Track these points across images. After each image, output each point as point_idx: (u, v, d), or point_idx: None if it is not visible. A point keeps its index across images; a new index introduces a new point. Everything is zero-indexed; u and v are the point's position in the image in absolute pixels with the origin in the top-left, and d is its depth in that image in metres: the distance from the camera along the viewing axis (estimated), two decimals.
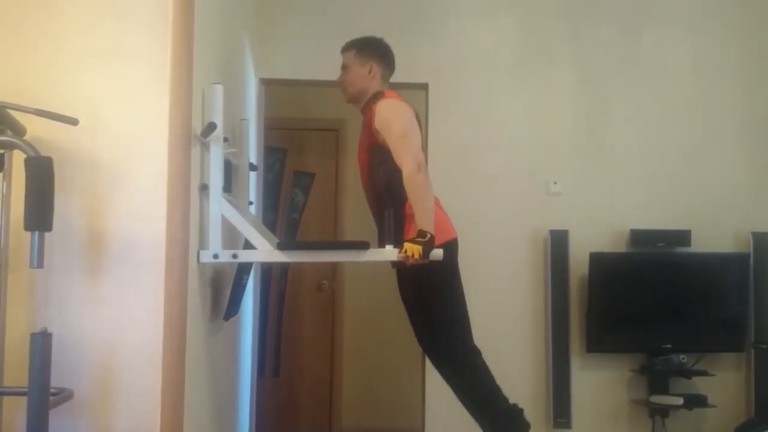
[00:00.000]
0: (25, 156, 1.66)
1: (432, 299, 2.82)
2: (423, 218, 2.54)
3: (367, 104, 2.90)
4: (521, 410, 2.89)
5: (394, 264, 2.81)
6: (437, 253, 2.47)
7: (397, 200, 2.70)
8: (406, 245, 2.44)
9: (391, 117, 2.76)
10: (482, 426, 2.89)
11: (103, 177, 1.93)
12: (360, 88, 2.94)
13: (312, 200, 5.28)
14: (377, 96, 2.86)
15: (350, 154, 5.20)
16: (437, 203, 2.84)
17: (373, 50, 2.98)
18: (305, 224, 5.26)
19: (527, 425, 2.92)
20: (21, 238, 1.77)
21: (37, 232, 1.65)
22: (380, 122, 2.76)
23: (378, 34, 3.99)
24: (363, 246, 2.39)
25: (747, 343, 3.98)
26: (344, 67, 3.00)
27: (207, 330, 2.41)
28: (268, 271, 4.91)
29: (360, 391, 5.11)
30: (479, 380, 2.86)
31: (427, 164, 3.91)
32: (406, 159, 2.65)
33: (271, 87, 4.15)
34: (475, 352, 2.88)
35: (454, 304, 2.84)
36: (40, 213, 1.64)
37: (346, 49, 3.02)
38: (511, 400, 3.63)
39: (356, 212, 5.09)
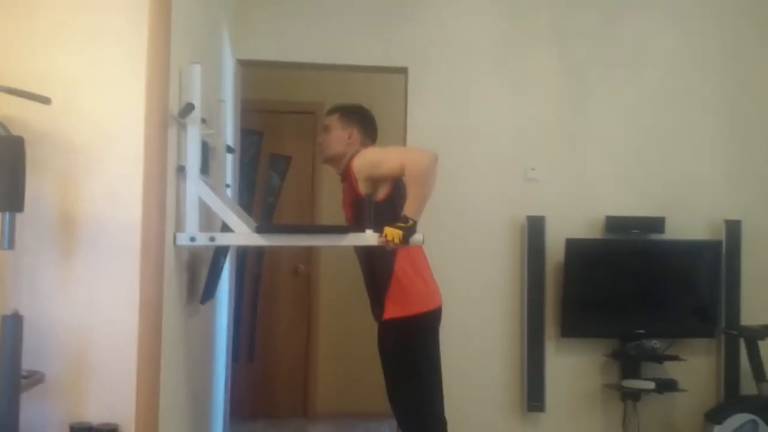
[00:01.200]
0: None
1: (407, 360, 2.82)
2: (414, 205, 2.54)
3: (345, 168, 2.89)
4: None
5: (376, 318, 2.86)
6: (417, 239, 2.47)
7: (384, 267, 2.76)
8: (387, 229, 2.43)
9: (366, 156, 2.79)
10: None
11: (77, 158, 1.90)
12: (337, 151, 2.94)
13: (288, 183, 5.25)
14: (353, 157, 2.84)
15: None
16: (427, 269, 2.88)
17: (356, 118, 2.99)
18: (281, 208, 5.23)
19: None
20: None
21: (8, 213, 1.62)
22: (359, 169, 2.76)
23: (358, 17, 3.99)
24: (342, 230, 2.38)
25: (718, 329, 4.04)
26: (326, 128, 3.00)
27: (183, 313, 2.39)
28: (243, 254, 4.88)
29: (335, 376, 5.12)
30: None
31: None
32: (419, 150, 2.72)
33: (248, 68, 4.10)
34: (442, 423, 2.87)
35: (430, 371, 2.83)
36: (10, 193, 1.61)
37: (331, 111, 3.02)
38: (486, 383, 3.66)
39: (332, 196, 5.07)
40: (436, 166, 2.61)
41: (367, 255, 2.84)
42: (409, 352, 2.81)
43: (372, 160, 2.75)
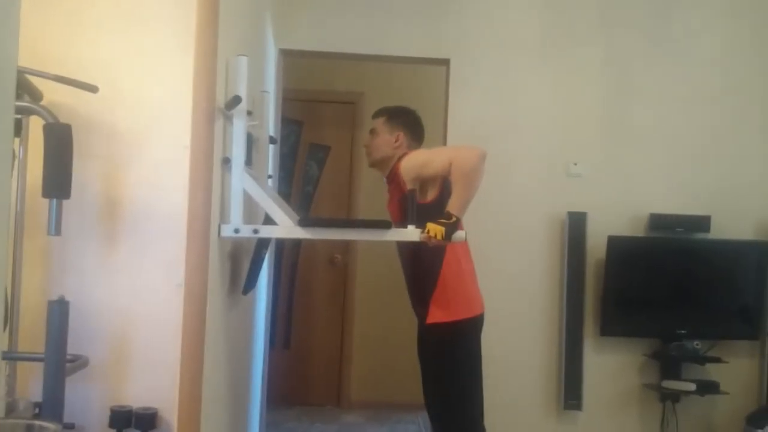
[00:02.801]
0: (43, 122, 1.64)
1: (449, 366, 2.79)
2: (459, 202, 2.51)
3: (391, 170, 2.86)
4: None
5: (417, 314, 2.82)
6: (460, 235, 2.44)
7: (429, 270, 2.73)
8: (429, 225, 2.41)
9: (413, 158, 2.75)
10: None
11: (121, 144, 1.91)
12: (385, 154, 2.92)
13: (326, 173, 5.26)
14: (400, 159, 2.81)
15: (366, 128, 5.12)
16: (471, 275, 2.85)
17: (402, 120, 2.95)
18: (319, 197, 5.24)
19: None
20: (37, 204, 1.76)
21: (55, 200, 1.63)
22: (406, 172, 2.72)
23: (400, 8, 3.96)
24: (385, 225, 2.37)
25: (762, 331, 3.95)
26: (372, 131, 2.98)
27: (226, 303, 2.41)
28: (281, 243, 4.91)
29: (370, 366, 5.13)
30: None
31: (445, 142, 3.91)
32: (468, 147, 2.65)
33: (289, 58, 4.11)
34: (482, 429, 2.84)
35: (471, 377, 2.80)
36: (58, 180, 1.63)
37: (377, 114, 2.99)
38: (524, 380, 3.63)
39: (370, 186, 5.08)
40: (484, 164, 2.57)
41: (412, 254, 2.81)
42: (452, 357, 2.78)
43: (420, 160, 2.72)
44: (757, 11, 4.10)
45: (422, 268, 2.78)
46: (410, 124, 2.97)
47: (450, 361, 2.79)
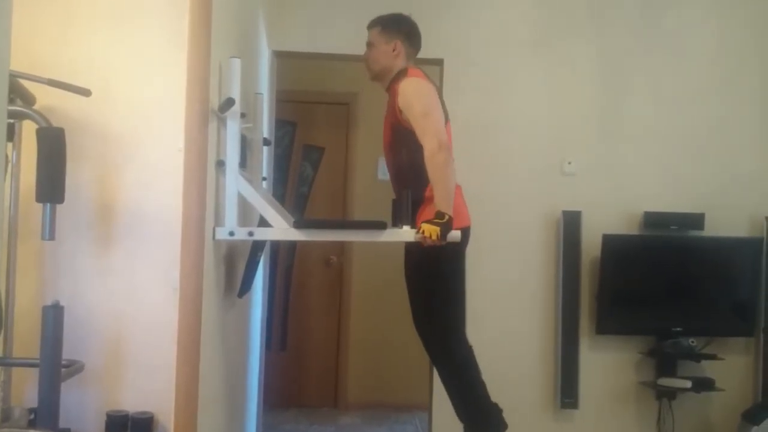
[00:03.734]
0: (36, 126, 1.63)
1: (434, 282, 2.82)
2: (442, 199, 2.53)
3: (391, 83, 2.88)
4: (501, 410, 2.91)
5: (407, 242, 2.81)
6: (455, 235, 2.46)
7: (418, 182, 2.68)
8: (424, 226, 2.42)
9: (413, 96, 2.74)
10: (460, 415, 2.90)
11: (115, 148, 1.91)
12: (384, 65, 2.91)
13: (321, 174, 5.25)
14: (401, 74, 2.83)
15: (361, 129, 5.16)
16: (459, 192, 2.84)
17: (398, 28, 2.95)
18: (314, 198, 5.23)
19: (504, 425, 2.92)
20: (30, 209, 1.75)
21: (48, 204, 1.63)
22: (403, 101, 2.74)
23: (393, 8, 3.95)
24: (380, 226, 2.37)
25: (757, 328, 3.96)
26: (369, 44, 2.97)
27: (221, 306, 2.40)
28: (276, 245, 4.90)
29: (366, 367, 5.12)
30: (466, 369, 2.86)
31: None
32: (427, 137, 2.64)
33: (282, 59, 4.10)
34: (466, 344, 2.88)
35: (455, 292, 2.85)
36: (52, 185, 1.62)
37: (371, 25, 2.98)
38: (520, 380, 3.63)
39: (365, 187, 5.07)
40: (446, 153, 2.61)
41: (400, 170, 2.84)
42: (436, 267, 2.78)
43: (418, 109, 2.72)
44: (750, 7, 4.11)
45: (411, 182, 2.75)
46: (406, 30, 2.97)
47: (435, 271, 2.79)
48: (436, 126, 2.65)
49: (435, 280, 2.83)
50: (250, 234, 2.26)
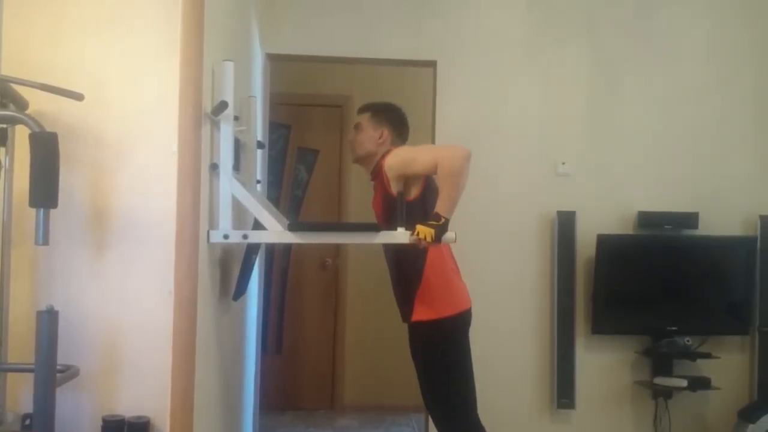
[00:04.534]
0: (29, 131, 1.63)
1: (437, 362, 2.79)
2: (446, 203, 2.51)
3: (375, 166, 2.86)
4: None
5: (404, 318, 2.84)
6: (450, 237, 2.45)
7: (413, 264, 2.72)
8: (419, 227, 2.42)
9: (399, 155, 2.75)
10: None
11: (108, 152, 1.91)
12: (368, 150, 2.91)
13: (315, 177, 5.25)
14: (384, 156, 2.81)
15: None
16: (456, 273, 2.86)
17: (387, 117, 2.95)
18: (308, 201, 5.23)
19: None
20: (24, 214, 1.75)
21: (42, 209, 1.62)
22: (395, 166, 2.72)
23: (386, 11, 3.96)
24: (374, 228, 2.37)
25: (752, 326, 3.97)
26: (357, 126, 2.97)
27: (216, 309, 2.40)
28: (271, 248, 4.89)
29: (362, 369, 5.12)
30: None
31: (433, 143, 3.91)
32: (452, 147, 2.65)
33: (276, 62, 4.10)
34: (476, 422, 2.84)
35: (464, 372, 2.81)
36: (45, 190, 1.62)
37: (362, 110, 2.99)
38: (516, 380, 3.61)
39: (360, 190, 5.06)
40: (469, 164, 2.57)
41: (396, 254, 2.82)
42: (439, 355, 2.78)
43: (405, 158, 2.72)
44: (741, 9, 4.12)
45: (406, 266, 2.78)
46: (395, 120, 2.97)
47: (437, 359, 2.78)
48: (440, 147, 2.65)
49: (440, 358, 2.80)
50: (245, 237, 2.25)
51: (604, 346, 3.97)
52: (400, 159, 2.73)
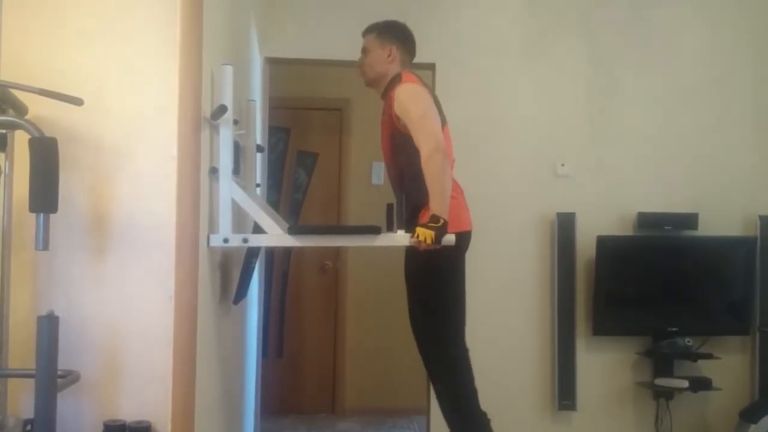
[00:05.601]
0: (29, 137, 1.63)
1: (433, 282, 2.80)
2: (437, 202, 2.52)
3: (386, 90, 2.88)
4: (489, 420, 2.87)
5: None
6: (449, 239, 2.46)
7: (418, 188, 2.67)
8: (419, 230, 2.43)
9: (409, 101, 2.74)
10: (448, 420, 2.87)
11: (107, 156, 1.91)
12: (379, 71, 2.92)
13: (315, 180, 5.25)
14: (396, 80, 2.84)
15: (354, 134, 5.16)
16: (460, 193, 2.84)
17: (393, 34, 2.96)
18: (308, 204, 5.23)
19: None
20: (23, 219, 1.75)
21: (42, 214, 1.63)
22: (399, 108, 2.75)
23: (384, 13, 3.95)
24: (374, 231, 2.37)
25: (753, 326, 3.97)
26: (364, 50, 2.98)
27: (217, 313, 2.40)
28: (271, 251, 4.89)
29: (363, 372, 5.11)
30: (458, 373, 2.84)
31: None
32: (423, 140, 2.64)
33: (275, 66, 4.10)
34: (462, 348, 2.86)
35: (454, 296, 2.83)
36: (45, 195, 1.62)
37: (367, 32, 2.99)
38: (517, 382, 3.61)
39: (359, 192, 5.07)
40: (441, 157, 2.58)
41: (401, 174, 2.82)
42: (435, 270, 2.76)
43: (416, 114, 2.70)
44: (738, 7, 4.13)
45: (412, 188, 2.72)
46: (401, 37, 2.97)
47: (435, 270, 2.76)
48: (432, 129, 2.65)
49: (433, 283, 2.81)
50: (245, 241, 2.26)
51: (605, 347, 3.96)
52: (412, 109, 2.71)
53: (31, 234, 1.64)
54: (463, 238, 2.80)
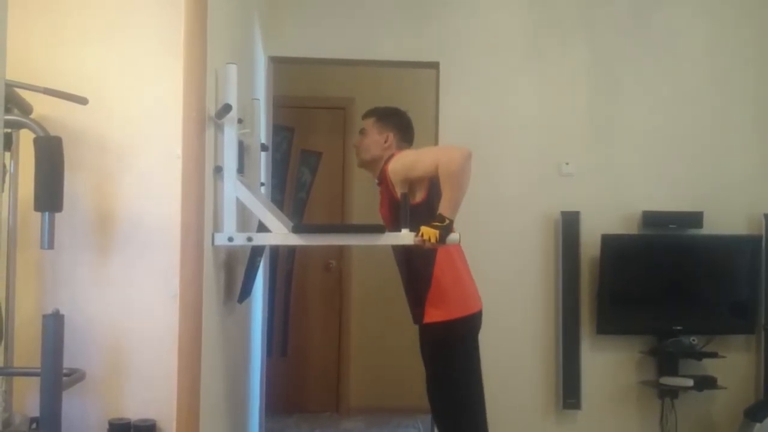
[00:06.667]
0: (33, 135, 1.63)
1: (447, 365, 2.80)
2: (449, 204, 2.51)
3: (381, 171, 2.87)
4: None
5: (415, 320, 2.83)
6: (453, 238, 2.45)
7: (424, 260, 2.71)
8: (423, 229, 2.42)
9: (399, 160, 2.76)
10: None
11: (112, 156, 1.90)
12: (374, 155, 2.92)
13: (319, 179, 5.25)
14: (388, 160, 2.83)
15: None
16: (470, 274, 2.87)
17: (393, 122, 2.96)
18: (312, 203, 5.24)
19: None
20: (28, 218, 1.75)
21: (47, 213, 1.63)
22: (394, 174, 2.74)
23: (388, 13, 3.96)
24: (378, 230, 2.37)
25: (757, 325, 3.96)
26: (362, 131, 2.98)
27: (221, 312, 2.40)
28: (275, 250, 4.90)
29: (367, 371, 5.12)
30: None
31: (436, 144, 3.91)
32: (452, 148, 2.64)
33: (279, 65, 4.11)
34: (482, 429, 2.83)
35: (469, 377, 2.80)
36: (50, 193, 1.62)
37: (367, 115, 3.00)
38: (521, 381, 3.58)
39: (363, 191, 5.07)
40: (470, 163, 2.55)
41: (406, 256, 2.81)
42: (449, 356, 2.79)
43: (406, 162, 2.72)
44: (741, 8, 4.12)
45: (416, 269, 2.78)
46: (400, 125, 2.97)
47: (447, 360, 2.79)
48: (436, 149, 2.67)
49: (449, 362, 2.80)
50: (249, 239, 2.26)
51: (609, 346, 3.96)
52: (402, 164, 2.73)
53: (37, 233, 1.65)
54: (474, 319, 2.83)
